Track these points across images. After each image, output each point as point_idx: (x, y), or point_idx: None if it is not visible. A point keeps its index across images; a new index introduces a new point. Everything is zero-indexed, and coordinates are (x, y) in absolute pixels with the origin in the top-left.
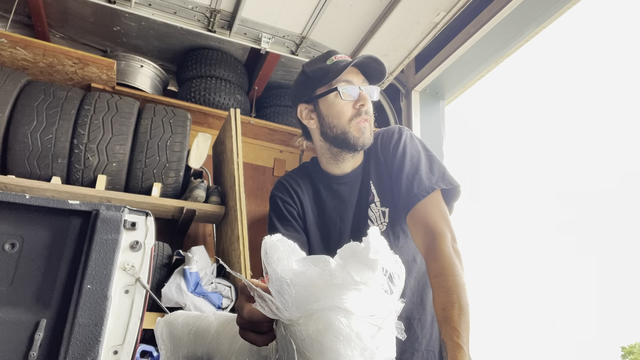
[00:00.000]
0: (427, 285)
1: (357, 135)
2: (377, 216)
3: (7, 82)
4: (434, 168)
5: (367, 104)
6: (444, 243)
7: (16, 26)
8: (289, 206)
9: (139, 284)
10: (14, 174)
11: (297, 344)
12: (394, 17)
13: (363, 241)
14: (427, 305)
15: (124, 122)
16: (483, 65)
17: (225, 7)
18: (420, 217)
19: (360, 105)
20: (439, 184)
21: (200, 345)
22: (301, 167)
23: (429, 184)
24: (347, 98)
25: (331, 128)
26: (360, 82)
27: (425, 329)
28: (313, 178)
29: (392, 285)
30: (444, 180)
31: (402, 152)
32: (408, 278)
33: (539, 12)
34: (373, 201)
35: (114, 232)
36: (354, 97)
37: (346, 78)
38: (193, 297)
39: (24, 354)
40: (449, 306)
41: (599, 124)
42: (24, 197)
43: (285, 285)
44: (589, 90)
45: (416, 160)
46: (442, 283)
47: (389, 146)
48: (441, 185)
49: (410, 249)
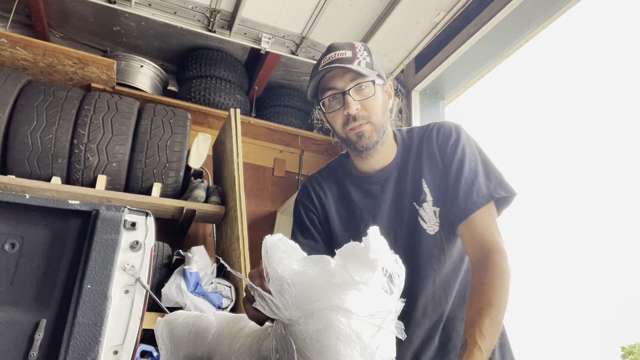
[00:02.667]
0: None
1: (355, 140)
2: (430, 216)
3: (7, 82)
4: (490, 174)
5: (352, 109)
6: (501, 258)
7: (16, 26)
8: (311, 213)
9: (139, 284)
10: (14, 174)
11: (297, 343)
12: (394, 17)
13: (363, 241)
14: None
15: (124, 122)
16: (483, 65)
17: (225, 7)
18: (476, 226)
19: (347, 114)
20: (498, 191)
21: (200, 345)
22: (328, 166)
23: (487, 191)
24: (332, 110)
25: (336, 134)
26: (345, 84)
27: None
28: (340, 177)
29: (392, 285)
30: (502, 188)
31: (462, 154)
32: (455, 279)
33: (539, 12)
34: (425, 200)
35: (114, 232)
36: (338, 106)
37: (330, 85)
38: (193, 297)
39: (24, 354)
40: (485, 313)
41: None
42: (24, 197)
43: (285, 284)
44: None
45: (474, 165)
46: (486, 291)
47: (447, 145)
48: (500, 193)
49: (459, 250)
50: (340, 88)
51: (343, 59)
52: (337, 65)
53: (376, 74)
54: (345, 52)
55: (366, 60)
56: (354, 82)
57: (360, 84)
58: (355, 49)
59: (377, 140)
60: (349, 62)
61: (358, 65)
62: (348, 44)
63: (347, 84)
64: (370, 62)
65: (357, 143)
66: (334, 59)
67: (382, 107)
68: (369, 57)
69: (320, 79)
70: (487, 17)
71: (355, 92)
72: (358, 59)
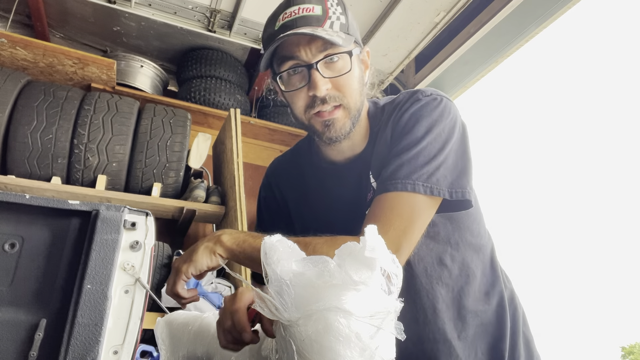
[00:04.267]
0: (466, 284)
1: (321, 130)
2: None
3: (7, 82)
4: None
5: (319, 90)
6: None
7: (16, 26)
8: (270, 200)
9: (139, 284)
10: (14, 174)
11: (296, 344)
12: (394, 17)
13: (360, 240)
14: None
15: (124, 122)
16: (483, 65)
17: (225, 7)
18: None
19: (312, 95)
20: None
21: (200, 345)
22: (294, 148)
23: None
24: (292, 88)
25: (294, 117)
26: (311, 54)
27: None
28: (302, 164)
29: (391, 284)
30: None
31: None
32: (439, 284)
33: (539, 12)
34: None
35: (114, 232)
36: (301, 83)
37: (290, 53)
38: None
39: (24, 354)
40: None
41: (598, 124)
42: (24, 197)
43: (284, 286)
44: (589, 90)
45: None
46: (314, 242)
47: (404, 116)
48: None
49: (432, 250)
50: (304, 60)
51: (309, 17)
52: (301, 31)
53: (353, 39)
54: (312, 7)
55: (340, 21)
56: (324, 52)
57: (331, 56)
58: (326, 2)
59: (349, 129)
60: (318, 24)
61: (330, 27)
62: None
63: (315, 55)
64: (345, 22)
65: (324, 134)
66: (297, 15)
67: (358, 86)
68: (343, 15)
69: (278, 45)
70: (487, 17)
71: (324, 65)
72: (330, 19)
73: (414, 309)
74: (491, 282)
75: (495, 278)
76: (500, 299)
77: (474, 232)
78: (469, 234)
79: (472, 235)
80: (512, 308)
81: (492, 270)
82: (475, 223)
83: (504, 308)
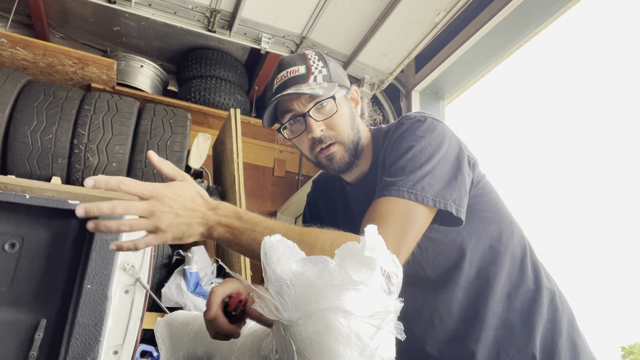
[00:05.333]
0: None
1: (326, 164)
2: None
3: (7, 82)
4: (439, 177)
5: (315, 132)
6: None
7: (16, 26)
8: (312, 207)
9: (139, 284)
10: (14, 174)
11: (296, 344)
12: (394, 17)
13: (360, 240)
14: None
15: (124, 122)
16: (483, 65)
17: (225, 7)
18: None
19: (311, 138)
20: (444, 201)
21: (200, 345)
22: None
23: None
24: (295, 134)
25: (305, 157)
26: (303, 105)
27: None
28: (335, 182)
29: (390, 284)
30: (451, 200)
31: (409, 145)
32: (455, 287)
33: (539, 12)
34: None
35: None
36: (300, 130)
37: (288, 108)
38: (193, 297)
39: (24, 354)
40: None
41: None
42: (24, 197)
43: (284, 285)
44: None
45: (423, 158)
46: (314, 233)
47: (395, 139)
48: (447, 205)
49: (446, 254)
50: (299, 110)
51: (296, 77)
52: (290, 92)
53: (337, 84)
54: (297, 69)
55: (322, 73)
56: (313, 101)
57: (319, 102)
58: (308, 61)
59: (349, 160)
60: (303, 81)
61: (314, 81)
62: (299, 56)
63: (306, 105)
64: (327, 73)
65: (328, 167)
66: (286, 78)
67: (349, 121)
68: (325, 68)
69: (276, 103)
70: (487, 17)
71: (316, 111)
72: (313, 74)
73: (429, 312)
74: (516, 284)
75: (522, 280)
76: (526, 300)
77: (493, 235)
78: (487, 237)
79: (491, 239)
80: (551, 310)
81: (521, 272)
82: (494, 225)
83: (532, 309)
